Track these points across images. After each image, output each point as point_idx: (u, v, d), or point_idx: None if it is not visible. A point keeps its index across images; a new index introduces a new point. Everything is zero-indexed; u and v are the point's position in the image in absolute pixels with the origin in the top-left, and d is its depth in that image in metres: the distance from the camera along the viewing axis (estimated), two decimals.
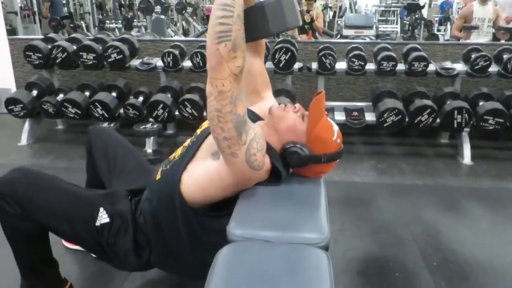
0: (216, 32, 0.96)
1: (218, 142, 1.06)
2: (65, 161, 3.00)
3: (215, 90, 1.00)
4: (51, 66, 3.48)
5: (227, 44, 0.96)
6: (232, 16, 0.96)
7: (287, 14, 1.06)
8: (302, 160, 1.18)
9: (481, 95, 3.15)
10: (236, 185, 1.14)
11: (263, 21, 1.05)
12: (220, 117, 1.01)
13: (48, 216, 1.27)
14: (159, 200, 1.24)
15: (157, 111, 3.12)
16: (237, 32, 0.97)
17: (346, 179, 2.78)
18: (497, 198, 2.55)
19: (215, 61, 0.97)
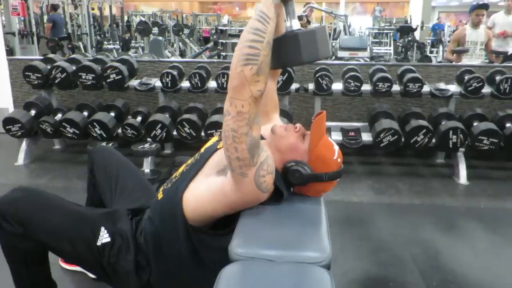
0: (244, 54, 0.98)
1: (230, 161, 1.07)
2: (63, 181, 2.99)
3: (234, 110, 1.01)
4: (50, 86, 3.51)
5: (253, 68, 0.97)
6: (262, 41, 0.98)
7: (319, 45, 1.08)
8: (304, 179, 1.19)
9: (475, 115, 3.20)
10: (239, 204, 1.15)
11: (296, 50, 1.07)
12: (236, 137, 1.03)
13: (49, 236, 1.26)
14: (161, 219, 1.24)
15: (155, 131, 3.14)
16: (264, 58, 0.99)
17: (345, 198, 2.79)
18: (494, 217, 2.56)
19: (238, 82, 0.99)
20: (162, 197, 1.28)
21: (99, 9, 9.73)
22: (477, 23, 4.22)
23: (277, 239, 1.08)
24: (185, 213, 1.18)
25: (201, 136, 3.13)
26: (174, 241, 1.22)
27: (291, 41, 1.06)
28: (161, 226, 1.24)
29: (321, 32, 1.09)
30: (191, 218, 1.18)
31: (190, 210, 1.18)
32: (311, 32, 1.07)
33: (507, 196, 2.86)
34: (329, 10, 9.90)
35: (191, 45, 9.08)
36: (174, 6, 14.22)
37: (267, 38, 0.99)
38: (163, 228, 1.24)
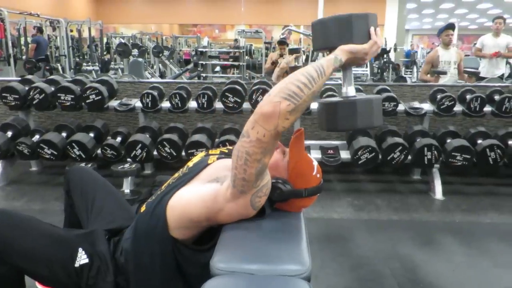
0: (289, 90, 1.01)
1: (235, 178, 1.10)
2: (40, 203, 2.94)
3: (255, 135, 1.03)
4: (27, 108, 3.47)
5: (290, 105, 1.00)
6: (310, 89, 1.02)
7: (375, 114, 1.15)
8: (284, 195, 1.22)
9: (448, 132, 3.32)
10: (225, 213, 1.16)
11: (352, 116, 1.12)
12: (248, 161, 1.06)
13: (25, 259, 1.23)
14: (142, 232, 1.23)
15: (136, 151, 3.13)
16: (304, 103, 1.02)
17: (325, 216, 2.82)
18: (469, 231, 2.63)
19: (271, 110, 1.01)
20: (144, 210, 1.27)
21: (78, 31, 9.71)
22: (448, 43, 4.42)
23: (258, 253, 1.09)
24: (169, 222, 1.18)
25: (181, 155, 3.13)
26: (155, 254, 1.21)
27: (349, 108, 1.12)
28: (143, 239, 1.23)
29: (377, 101, 1.16)
30: (174, 227, 1.19)
31: (175, 217, 1.18)
32: (369, 100, 1.14)
33: (480, 211, 2.95)
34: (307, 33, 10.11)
35: (171, 67, 9.12)
36: (154, 28, 14.31)
37: (315, 88, 1.03)
38: (145, 242, 1.23)
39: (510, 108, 3.27)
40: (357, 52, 1.10)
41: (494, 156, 3.08)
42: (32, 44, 8.19)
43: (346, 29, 1.11)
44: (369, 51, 1.12)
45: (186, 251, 1.21)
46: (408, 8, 16.95)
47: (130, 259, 1.25)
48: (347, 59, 1.10)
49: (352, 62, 1.13)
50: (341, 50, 1.09)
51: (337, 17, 1.13)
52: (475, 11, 18.86)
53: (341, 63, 1.09)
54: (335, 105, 1.13)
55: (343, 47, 1.09)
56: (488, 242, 2.49)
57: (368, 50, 1.11)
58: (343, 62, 1.09)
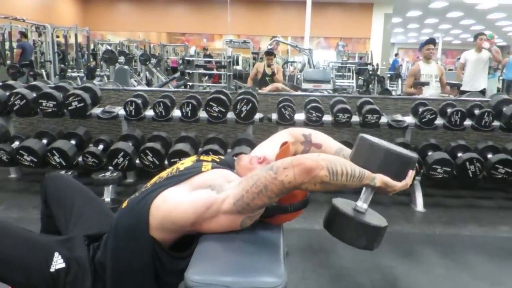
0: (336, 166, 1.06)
1: (240, 198, 1.11)
2: (17, 211, 2.87)
3: (282, 177, 1.06)
4: (8, 113, 3.41)
5: (327, 177, 1.05)
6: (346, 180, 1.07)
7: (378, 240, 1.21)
8: (269, 211, 1.23)
9: (429, 145, 3.36)
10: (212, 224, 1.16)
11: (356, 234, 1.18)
12: (262, 193, 1.08)
13: (0, 266, 1.21)
14: (122, 228, 1.21)
15: (118, 159, 3.09)
16: (333, 185, 1.07)
17: (307, 227, 2.81)
18: (449, 243, 2.65)
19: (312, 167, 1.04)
20: (126, 206, 1.26)
21: (64, 37, 9.63)
22: (429, 57, 4.54)
23: (233, 265, 1.09)
24: (150, 222, 1.17)
25: (164, 164, 3.11)
26: (134, 253, 1.19)
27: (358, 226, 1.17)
28: (122, 235, 1.21)
29: (384, 230, 1.21)
30: (155, 227, 1.17)
31: (158, 217, 1.17)
32: (377, 229, 1.18)
33: (460, 223, 2.98)
34: (294, 44, 10.24)
35: (158, 75, 9.10)
36: (141, 36, 14.28)
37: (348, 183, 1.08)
38: (124, 238, 1.21)
39: (489, 122, 3.33)
40: (390, 187, 1.14)
41: (473, 169, 3.13)
42: (17, 50, 8.10)
43: (391, 164, 1.14)
44: (398, 189, 1.16)
45: (163, 255, 1.20)
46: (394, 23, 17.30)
47: (108, 261, 1.23)
48: (380, 187, 1.14)
49: (380, 191, 1.17)
50: (380, 179, 1.12)
51: (389, 150, 1.15)
52: (458, 26, 19.34)
53: (374, 185, 1.13)
54: (347, 219, 1.17)
55: (383, 177, 1.13)
56: (468, 254, 2.51)
57: (399, 188, 1.15)
58: (375, 187, 1.14)
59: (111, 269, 1.23)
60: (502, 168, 3.17)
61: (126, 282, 1.22)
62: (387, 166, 1.14)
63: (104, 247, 1.25)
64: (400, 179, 1.15)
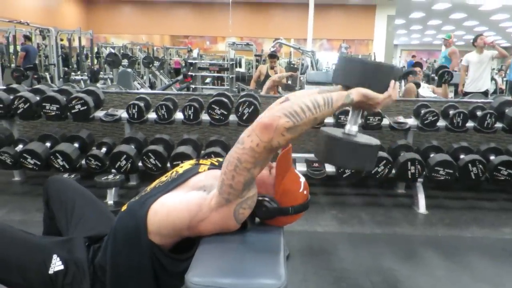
0: (292, 109, 1.02)
1: (222, 184, 1.10)
2: (21, 214, 2.89)
3: (248, 143, 1.04)
4: (11, 117, 3.44)
5: (289, 123, 1.01)
6: (313, 114, 1.04)
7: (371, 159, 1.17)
8: (270, 213, 1.21)
9: (431, 147, 3.36)
10: (207, 224, 1.15)
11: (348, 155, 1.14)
12: (238, 167, 1.07)
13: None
14: (122, 230, 1.22)
15: (120, 162, 3.11)
16: (303, 126, 1.04)
17: (309, 229, 2.82)
18: (451, 245, 2.65)
19: (268, 122, 1.02)
20: (126, 209, 1.27)
21: (68, 40, 9.68)
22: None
23: (233, 267, 1.09)
24: (149, 226, 1.18)
25: (166, 167, 3.12)
26: (132, 255, 1.20)
27: (348, 147, 1.13)
28: (121, 239, 1.22)
29: (376, 148, 1.17)
30: (153, 231, 1.18)
31: (156, 222, 1.17)
32: (369, 147, 1.15)
33: (462, 225, 2.97)
34: (297, 46, 10.25)
35: (161, 77, 9.14)
36: (144, 39, 14.33)
37: (317, 115, 1.04)
38: (122, 241, 1.21)
39: (492, 124, 3.33)
40: (371, 98, 1.11)
41: (476, 171, 3.13)
42: (21, 52, 8.17)
43: (370, 75, 1.12)
44: (381, 101, 1.12)
45: (163, 258, 1.21)
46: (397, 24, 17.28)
47: (108, 263, 1.24)
48: (358, 101, 1.11)
49: (362, 106, 1.14)
50: (357, 91, 1.10)
51: (365, 61, 1.15)
52: (462, 28, 19.29)
53: (351, 101, 1.10)
54: (336, 141, 1.14)
55: (359, 89, 1.10)
56: (469, 256, 2.51)
57: (381, 100, 1.12)
58: (353, 102, 1.10)
59: (111, 272, 1.24)
60: (504, 170, 3.16)
61: (126, 284, 1.23)
62: (366, 78, 1.12)
63: (104, 250, 1.26)
64: (382, 89, 1.11)
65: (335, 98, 1.07)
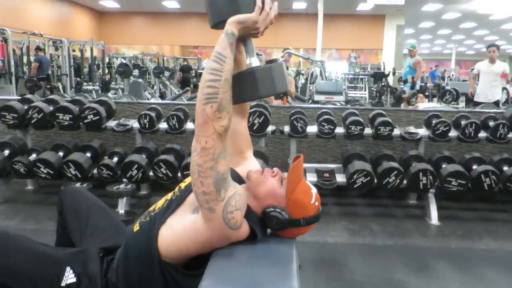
0: (204, 94, 1.05)
1: (197, 196, 1.10)
2: (33, 222, 2.92)
3: (199, 146, 1.06)
4: (25, 126, 3.49)
5: (213, 106, 1.04)
6: (219, 80, 1.05)
7: (276, 80, 1.16)
8: (281, 224, 1.20)
9: (443, 158, 3.33)
10: (211, 241, 1.15)
11: (253, 85, 1.14)
12: (201, 171, 1.07)
13: (10, 278, 1.23)
14: (135, 252, 1.24)
15: (132, 172, 3.13)
16: (223, 95, 1.05)
17: (320, 239, 2.80)
18: (464, 257, 2.61)
19: (202, 120, 1.05)
20: (138, 230, 1.27)
21: (80, 50, 9.84)
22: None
23: (246, 280, 1.09)
24: (160, 248, 1.18)
25: (177, 177, 3.14)
26: (147, 276, 1.21)
27: (249, 77, 1.14)
28: (134, 259, 1.23)
29: (277, 68, 1.17)
30: (164, 253, 1.18)
31: (165, 245, 1.18)
32: (268, 68, 1.15)
33: (475, 237, 2.93)
34: (306, 56, 10.29)
35: (171, 87, 9.22)
36: (155, 49, 14.50)
37: (224, 76, 1.06)
38: (136, 262, 1.23)
39: (505, 134, 3.29)
40: (245, 21, 1.11)
41: (489, 181, 3.09)
42: (34, 63, 8.32)
43: (231, 1, 1.13)
44: (257, 18, 1.12)
45: (176, 274, 1.21)
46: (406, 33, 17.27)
47: (121, 278, 1.25)
48: (239, 31, 1.11)
49: (247, 34, 1.15)
50: (230, 23, 1.10)
51: None
52: (472, 37, 19.22)
53: (234, 36, 1.10)
54: (237, 77, 1.13)
55: (231, 20, 1.10)
56: (483, 268, 2.47)
57: (256, 17, 1.12)
58: (236, 35, 1.11)
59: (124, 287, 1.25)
60: None
61: None
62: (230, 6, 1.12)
63: (116, 269, 1.27)
64: (250, 9, 1.11)
65: (221, 47, 1.08)
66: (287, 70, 6.68)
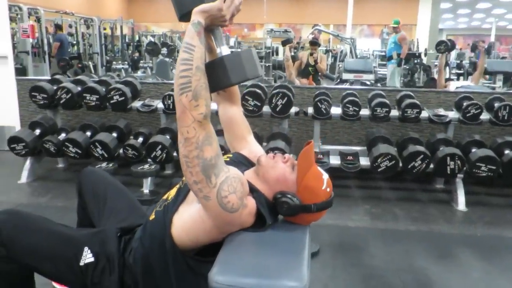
0: (178, 85, 1.06)
1: (191, 187, 1.12)
2: (63, 200, 3.04)
3: (182, 137, 1.07)
4: (55, 106, 3.60)
5: (188, 95, 1.05)
6: (191, 69, 1.06)
7: (246, 66, 1.15)
8: (292, 210, 1.20)
9: (473, 142, 3.20)
10: (218, 227, 1.17)
11: (224, 73, 1.14)
12: (188, 162, 1.08)
13: (31, 258, 1.28)
14: (151, 240, 1.27)
15: (156, 152, 3.18)
16: (197, 82, 1.06)
17: (340, 223, 2.78)
18: (490, 246, 2.54)
19: (180, 110, 1.06)
20: (153, 218, 1.30)
21: (111, 29, 9.96)
22: None
23: (256, 268, 1.09)
24: (174, 237, 1.20)
25: None
26: (163, 263, 1.24)
27: (219, 65, 1.13)
28: (151, 248, 1.26)
29: (246, 54, 1.17)
30: (178, 241, 1.21)
31: (178, 234, 1.20)
32: (236, 55, 1.15)
33: (504, 224, 2.84)
34: (335, 33, 10.03)
35: None
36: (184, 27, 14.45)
37: (195, 64, 1.06)
38: (152, 250, 1.26)
39: None
40: (210, 10, 1.10)
41: None
42: (55, 43, 8.45)
43: None
44: (221, 6, 1.11)
45: (190, 260, 1.23)
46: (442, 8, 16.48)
47: (138, 261, 1.29)
48: (205, 20, 1.10)
49: (213, 22, 1.14)
50: (195, 14, 1.10)
51: None
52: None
53: (201, 25, 1.09)
54: (209, 66, 1.13)
55: (195, 10, 1.10)
56: (509, 258, 2.40)
57: (220, 5, 1.11)
58: (202, 24, 1.10)
59: (142, 272, 1.28)
60: None
61: (157, 284, 1.27)
62: None
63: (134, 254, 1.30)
64: None
65: (189, 37, 1.08)
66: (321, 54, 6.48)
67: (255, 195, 1.21)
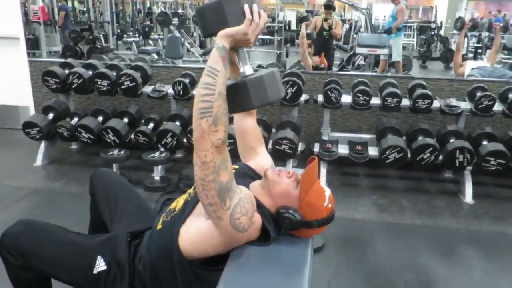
0: (199, 109, 1.07)
1: (204, 207, 1.16)
2: (77, 185, 3.12)
3: (199, 160, 1.10)
4: (67, 91, 3.64)
5: (209, 120, 1.06)
6: (213, 94, 1.07)
7: (268, 89, 1.16)
8: (293, 225, 1.25)
9: (484, 134, 3.17)
10: (226, 244, 1.22)
11: (246, 96, 1.14)
12: (204, 185, 1.11)
13: (48, 266, 1.38)
14: (158, 251, 1.33)
15: (166, 139, 3.23)
16: (218, 108, 1.07)
17: (347, 215, 2.83)
18: (494, 243, 2.57)
19: (198, 134, 1.08)
20: (160, 229, 1.36)
21: None
22: None
23: (259, 283, 1.16)
24: (181, 248, 1.26)
25: None
26: (170, 273, 1.30)
27: (241, 88, 1.14)
28: (158, 257, 1.32)
29: (269, 77, 1.16)
30: (185, 252, 1.26)
31: (185, 246, 1.26)
32: (259, 78, 1.15)
33: (510, 219, 2.85)
34: (350, 3, 9.70)
35: None
36: None
37: (217, 90, 1.07)
38: (159, 260, 1.32)
39: None
40: (235, 34, 1.11)
41: None
42: (61, 12, 8.38)
43: (219, 15, 1.12)
44: (247, 30, 1.12)
45: (197, 270, 1.29)
46: None
47: (147, 269, 1.36)
48: (229, 43, 1.11)
49: (238, 44, 1.15)
50: (220, 37, 1.11)
51: (208, 4, 1.14)
52: None
53: (225, 49, 1.10)
54: (231, 88, 1.14)
55: (220, 34, 1.11)
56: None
57: (245, 30, 1.12)
58: (227, 48, 1.11)
59: (150, 279, 1.35)
60: None
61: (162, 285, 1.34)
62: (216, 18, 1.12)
63: (143, 256, 1.37)
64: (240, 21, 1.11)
65: (213, 61, 1.09)
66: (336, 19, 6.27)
67: (260, 211, 1.26)
